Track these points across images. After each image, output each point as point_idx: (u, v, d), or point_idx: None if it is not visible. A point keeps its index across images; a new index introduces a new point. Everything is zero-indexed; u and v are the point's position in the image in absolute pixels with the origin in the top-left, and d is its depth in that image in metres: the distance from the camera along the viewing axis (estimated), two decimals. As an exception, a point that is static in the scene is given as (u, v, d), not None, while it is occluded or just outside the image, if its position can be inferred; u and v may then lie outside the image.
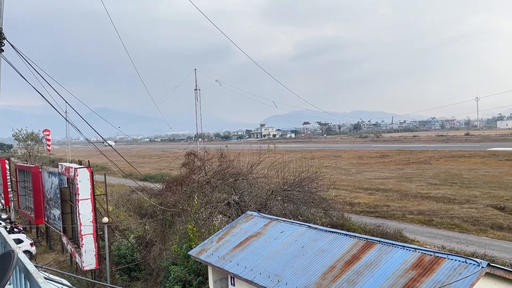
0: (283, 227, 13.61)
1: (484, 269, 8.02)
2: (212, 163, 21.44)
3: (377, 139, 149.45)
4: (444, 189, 35.77)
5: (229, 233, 14.66)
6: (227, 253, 13.13)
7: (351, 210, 29.39)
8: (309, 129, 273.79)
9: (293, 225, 13.55)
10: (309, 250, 11.63)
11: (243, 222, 15.19)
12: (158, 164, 77.69)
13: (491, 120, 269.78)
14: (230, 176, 20.25)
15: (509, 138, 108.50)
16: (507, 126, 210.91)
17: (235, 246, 13.55)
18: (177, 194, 19.74)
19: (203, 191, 19.95)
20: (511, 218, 25.23)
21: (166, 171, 54.75)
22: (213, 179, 20.27)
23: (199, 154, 23.78)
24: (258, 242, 13.31)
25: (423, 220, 26.38)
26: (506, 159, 55.60)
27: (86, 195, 17.24)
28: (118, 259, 19.79)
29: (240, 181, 20.58)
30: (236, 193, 19.60)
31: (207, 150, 23.47)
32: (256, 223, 14.72)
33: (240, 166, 21.45)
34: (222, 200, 19.14)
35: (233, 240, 13.98)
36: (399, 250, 9.78)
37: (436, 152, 72.33)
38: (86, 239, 17.25)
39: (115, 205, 33.04)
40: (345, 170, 53.87)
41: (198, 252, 14.12)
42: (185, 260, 15.80)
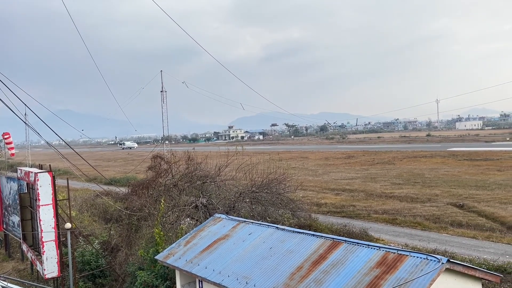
0: (251, 229, 13.64)
1: (444, 265, 8.33)
2: (179, 166, 21.21)
3: (343, 141, 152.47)
4: (407, 188, 36.90)
5: (197, 236, 14.54)
6: (195, 257, 13.02)
7: (318, 211, 29.80)
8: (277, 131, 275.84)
9: (261, 227, 13.60)
10: (277, 251, 11.71)
11: (211, 225, 15.11)
12: (123, 168, 76.06)
13: (450, 121, 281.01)
14: (197, 179, 20.10)
15: (467, 139, 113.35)
16: (465, 127, 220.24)
17: (203, 249, 13.45)
18: (143, 197, 19.39)
19: (170, 194, 19.70)
20: (469, 215, 26.33)
21: (132, 174, 53.69)
22: (180, 182, 20.06)
23: (166, 157, 23.47)
24: (226, 244, 13.28)
25: (387, 219, 27.09)
26: (464, 159, 58.04)
27: (48, 200, 16.64)
28: (82, 266, 19.21)
29: (208, 183, 20.47)
30: (204, 195, 19.48)
31: (174, 152, 23.18)
32: (224, 225, 14.68)
33: (208, 169, 21.34)
34: (189, 203, 18.97)
35: (201, 243, 13.88)
36: (364, 249, 10.00)
37: (399, 153, 74.55)
38: (48, 246, 16.63)
39: (79, 210, 32.07)
40: (312, 171, 54.60)
41: (165, 256, 13.92)
42: (152, 264, 15.53)
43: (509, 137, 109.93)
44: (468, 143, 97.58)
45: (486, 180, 38.48)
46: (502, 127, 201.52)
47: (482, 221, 25.08)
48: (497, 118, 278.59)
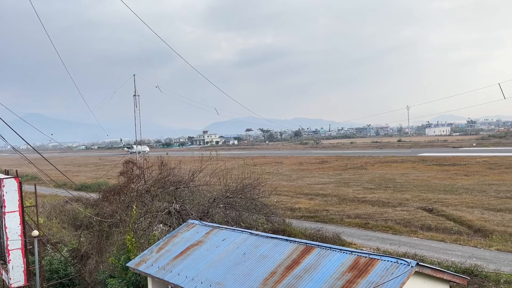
0: (225, 235, 13.56)
1: (414, 268, 8.50)
2: (152, 171, 20.90)
3: (316, 146, 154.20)
4: (379, 193, 37.60)
5: (170, 243, 14.34)
6: (168, 263, 12.83)
7: (292, 215, 29.96)
8: (251, 136, 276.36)
9: (234, 232, 13.53)
10: (251, 256, 11.67)
11: (184, 231, 14.93)
12: (95, 173, 74.39)
13: (420, 127, 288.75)
14: (171, 184, 19.85)
15: (436, 144, 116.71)
16: (434, 133, 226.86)
17: (176, 255, 13.27)
18: (114, 203, 18.98)
19: (143, 200, 19.38)
20: (438, 219, 27.04)
21: (104, 180, 52.55)
22: (153, 188, 19.76)
23: (138, 162, 23.09)
24: (200, 250, 13.15)
25: (359, 223, 27.49)
26: (433, 164, 59.70)
27: (14, 207, 16.06)
28: (50, 275, 18.63)
29: (182, 189, 20.25)
30: (177, 201, 19.24)
31: (146, 157, 22.84)
32: (198, 231, 14.54)
33: (182, 174, 21.11)
34: (162, 209, 18.70)
35: (174, 249, 13.69)
36: (337, 254, 10.10)
37: (371, 158, 75.99)
38: (14, 254, 16.04)
39: (47, 217, 31.12)
40: (287, 176, 54.90)
41: (137, 263, 13.65)
42: (123, 272, 15.21)
43: (476, 143, 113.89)
44: (437, 148, 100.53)
45: (454, 184, 39.67)
46: (469, 133, 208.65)
47: (450, 224, 25.80)
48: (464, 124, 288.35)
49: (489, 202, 30.23)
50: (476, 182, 40.59)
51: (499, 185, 37.62)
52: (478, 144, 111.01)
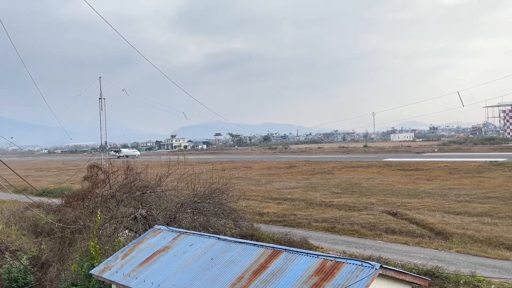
0: (192, 240, 13.42)
1: (377, 270, 8.71)
2: (117, 176, 20.43)
3: (285, 151, 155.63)
4: (345, 197, 38.29)
5: (136, 249, 14.05)
6: (133, 270, 12.56)
7: (261, 220, 30.01)
8: (220, 141, 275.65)
9: (202, 238, 13.43)
10: (218, 262, 11.61)
11: (150, 236, 14.67)
12: (57, 178, 71.99)
13: (385, 133, 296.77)
14: (137, 189, 19.48)
15: (400, 150, 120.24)
16: (398, 138, 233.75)
17: (141, 262, 13.02)
18: (78, 209, 18.42)
19: (108, 205, 18.90)
20: (402, 222, 27.79)
21: (67, 185, 50.94)
22: (119, 193, 19.32)
23: (103, 167, 22.54)
24: (166, 256, 12.96)
25: (326, 227, 27.87)
26: (398, 169, 61.43)
27: (-31, 213, 15.32)
28: (9, 283, 17.85)
29: (148, 194, 19.90)
30: (143, 206, 18.90)
31: (112, 162, 22.33)
32: (165, 237, 14.33)
33: (148, 179, 20.76)
34: (128, 215, 18.31)
35: (140, 256, 13.42)
36: (303, 257, 10.20)
37: (338, 163, 77.36)
38: (-32, 263, 15.27)
39: (6, 223, 29.78)
40: (255, 181, 55.02)
41: (101, 271, 13.29)
42: (87, 280, 14.76)
43: (437, 149, 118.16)
44: (401, 154, 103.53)
45: (417, 189, 40.93)
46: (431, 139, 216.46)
47: (413, 228, 26.56)
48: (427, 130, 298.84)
49: (449, 206, 31.37)
50: (438, 186, 42.06)
51: (459, 189, 39.13)
52: (439, 149, 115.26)
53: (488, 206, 30.73)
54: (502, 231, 24.20)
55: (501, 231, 24.21)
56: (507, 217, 27.22)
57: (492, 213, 28.55)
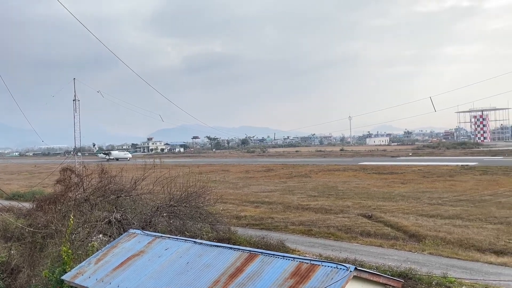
0: (168, 244, 13.26)
1: (352, 273, 8.80)
2: (91, 179, 20.00)
3: (263, 154, 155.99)
4: (322, 200, 38.64)
5: (109, 254, 13.78)
6: (107, 275, 12.30)
7: (238, 223, 29.96)
8: (198, 144, 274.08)
9: (178, 242, 13.28)
10: (194, 266, 11.51)
11: (125, 241, 14.42)
12: (29, 181, 69.98)
13: (361, 137, 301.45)
14: (111, 193, 19.11)
15: (376, 154, 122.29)
16: (374, 142, 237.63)
17: (115, 266, 12.77)
18: (50, 213, 17.93)
19: (81, 209, 18.47)
20: (377, 225, 28.23)
21: (39, 188, 49.58)
22: (92, 197, 18.92)
23: (77, 170, 22.04)
24: (141, 261, 12.75)
25: (303, 230, 28.04)
26: (373, 172, 62.42)
27: None
28: (-25, 291, 17.19)
29: (123, 197, 19.56)
30: (118, 210, 18.56)
31: (86, 165, 21.86)
32: (139, 241, 14.10)
33: (123, 182, 20.41)
34: (102, 219, 17.93)
35: (114, 260, 13.16)
36: (280, 260, 10.22)
37: (315, 166, 78.02)
38: None
39: (-27, 228, 28.72)
40: (233, 184, 54.90)
41: (73, 276, 12.96)
42: (58, 286, 14.36)
43: (411, 153, 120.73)
44: (376, 157, 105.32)
45: (392, 192, 41.68)
46: (406, 143, 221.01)
47: (388, 230, 27.02)
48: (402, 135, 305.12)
49: (423, 209, 32.07)
50: (412, 189, 42.94)
51: (432, 193, 40.05)
52: (413, 153, 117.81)
53: (460, 208, 31.57)
54: (472, 233, 24.88)
55: (472, 233, 24.89)
56: (477, 220, 28.00)
57: (463, 215, 29.33)
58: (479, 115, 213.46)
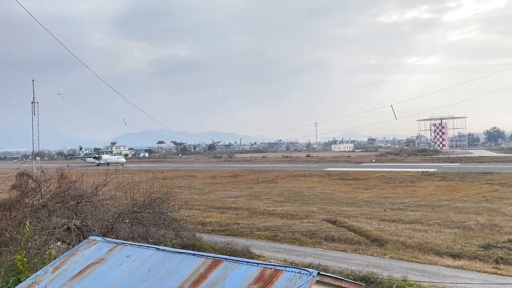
0: (130, 251, 12.92)
1: (315, 277, 8.87)
2: (50, 185, 19.25)
3: (230, 159, 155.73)
4: (288, 206, 38.91)
5: (68, 262, 13.26)
6: (64, 284, 11.83)
7: (203, 230, 29.66)
8: (164, 149, 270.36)
9: (140, 249, 12.97)
10: (157, 273, 11.26)
11: (84, 248, 13.93)
12: (-17, 186, 66.49)
13: (327, 143, 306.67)
14: (71, 199, 18.46)
15: (341, 160, 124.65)
16: (339, 149, 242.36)
17: (74, 275, 12.30)
18: (4, 220, 17.09)
19: (38, 216, 17.72)
20: (341, 230, 28.68)
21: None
22: (51, 202, 18.20)
23: (34, 175, 21.15)
24: (101, 269, 12.35)
25: (269, 236, 28.09)
26: (338, 178, 63.57)
27: None
28: None
29: (84, 203, 18.93)
30: (78, 217, 17.94)
31: (44, 170, 21.04)
32: (100, 248, 13.66)
33: (84, 188, 19.78)
34: (61, 226, 17.28)
35: (72, 269, 12.68)
36: (243, 266, 10.17)
37: (281, 172, 78.63)
38: None
39: None
40: (199, 190, 54.41)
41: (28, 286, 12.38)
42: (12, 296, 13.69)
43: (375, 159, 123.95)
44: (341, 163, 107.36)
45: (355, 197, 42.55)
46: (369, 149, 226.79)
47: (351, 235, 27.50)
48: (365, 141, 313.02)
49: (385, 214, 32.88)
50: (374, 195, 44.00)
51: (394, 198, 41.19)
52: (376, 160, 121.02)
53: (420, 213, 32.60)
54: (431, 237, 25.72)
55: (431, 237, 25.73)
56: (436, 224, 29.00)
57: (423, 220, 30.30)
58: (439, 123, 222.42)
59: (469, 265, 20.65)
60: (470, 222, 28.98)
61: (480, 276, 19.04)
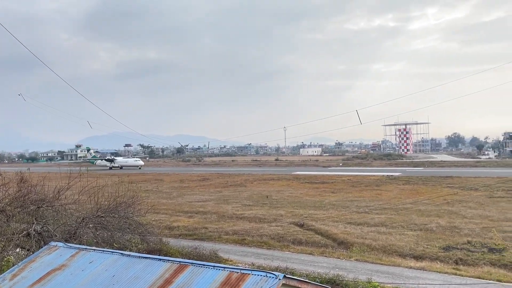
0: (93, 257, 12.58)
1: (281, 280, 8.92)
2: (8, 188, 18.47)
3: (199, 163, 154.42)
4: (256, 209, 38.98)
5: (27, 268, 12.76)
6: (23, 292, 11.38)
7: (170, 234, 29.27)
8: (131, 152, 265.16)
9: (104, 254, 12.65)
10: (121, 279, 11.01)
11: (45, 254, 13.45)
12: None
13: (295, 147, 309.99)
14: (31, 203, 17.76)
15: (309, 164, 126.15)
16: (307, 153, 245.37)
17: (33, 282, 11.85)
18: (-42, 226, 16.27)
19: (-5, 221, 16.96)
20: (308, 233, 29.00)
21: None
22: (9, 207, 17.45)
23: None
24: (63, 275, 11.96)
25: (237, 240, 28.05)
26: (306, 182, 64.30)
27: None
28: None
29: (45, 208, 18.25)
30: (38, 222, 17.28)
31: (2, 173, 20.18)
32: (61, 254, 13.23)
33: (45, 192, 19.08)
34: (20, 231, 16.60)
35: (31, 276, 12.21)
36: (210, 271, 10.10)
37: (251, 176, 78.74)
38: None
39: None
40: (167, 194, 53.71)
41: (-17, 295, 11.84)
42: (-35, 306, 13.02)
43: (342, 163, 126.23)
44: (309, 167, 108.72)
45: (323, 201, 43.16)
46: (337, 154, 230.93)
47: (318, 238, 27.86)
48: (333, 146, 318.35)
49: (351, 217, 33.52)
50: (341, 198, 44.78)
51: (360, 201, 42.06)
52: (343, 164, 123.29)
53: (384, 216, 33.43)
54: (395, 240, 26.41)
55: (395, 240, 26.42)
56: (400, 227, 29.81)
57: (387, 223, 31.08)
58: (403, 129, 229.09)
59: (431, 266, 21.33)
60: (432, 224, 29.97)
61: (441, 276, 19.70)
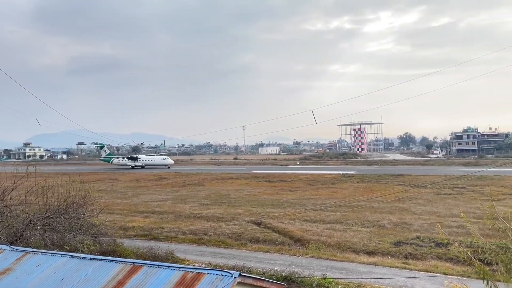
0: (40, 260, 12.03)
1: (236, 279, 8.94)
2: None
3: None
4: (214, 208, 38.79)
5: (-33, 274, 12.00)
6: (-38, 299, 10.69)
7: (125, 235, 28.51)
8: (84, 150, 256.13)
9: (52, 257, 12.13)
10: (71, 282, 10.62)
11: (-13, 258, 12.70)
12: None
13: (254, 146, 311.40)
14: (-27, 204, 16.76)
15: (267, 162, 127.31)
16: (266, 151, 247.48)
17: (-26, 289, 11.17)
18: None
19: None
20: (265, 231, 29.20)
21: None
22: None
23: None
24: (7, 280, 11.36)
25: (194, 239, 27.77)
26: (264, 180, 64.77)
27: None
28: None
29: (-12, 209, 17.29)
30: (-19, 224, 16.33)
31: None
32: (6, 258, 12.56)
33: (-11, 192, 18.05)
34: (-40, 234, 15.60)
35: (-28, 282, 11.50)
36: (164, 271, 9.95)
37: (209, 175, 78.28)
38: None
39: None
40: (121, 194, 52.33)
41: None
42: None
43: (299, 162, 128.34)
44: (267, 166, 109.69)
45: (280, 199, 43.64)
46: (294, 153, 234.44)
47: (275, 236, 28.11)
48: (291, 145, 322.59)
49: (307, 215, 34.10)
50: (298, 196, 45.48)
51: (316, 199, 42.89)
52: (301, 163, 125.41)
53: (339, 214, 34.28)
54: (349, 236, 27.15)
55: (349, 236, 27.15)
56: (354, 224, 30.68)
57: (342, 220, 31.89)
58: (358, 128, 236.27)
59: (382, 261, 22.09)
60: (384, 221, 31.08)
61: (392, 271, 20.47)
